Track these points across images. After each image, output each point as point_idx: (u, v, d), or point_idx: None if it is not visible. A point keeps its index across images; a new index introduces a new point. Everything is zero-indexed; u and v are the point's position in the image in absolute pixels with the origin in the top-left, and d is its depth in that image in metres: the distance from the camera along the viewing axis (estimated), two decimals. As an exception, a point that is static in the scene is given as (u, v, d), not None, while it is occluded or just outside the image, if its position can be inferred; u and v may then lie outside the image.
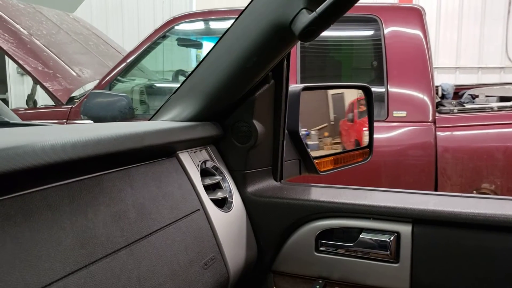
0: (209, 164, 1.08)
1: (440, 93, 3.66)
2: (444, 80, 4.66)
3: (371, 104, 1.57)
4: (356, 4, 0.82)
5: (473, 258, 0.93)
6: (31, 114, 3.28)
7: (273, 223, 1.10)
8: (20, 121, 1.22)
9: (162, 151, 0.94)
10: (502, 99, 3.11)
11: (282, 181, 1.22)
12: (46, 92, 3.25)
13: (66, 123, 3.03)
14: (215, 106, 1.07)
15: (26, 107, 4.09)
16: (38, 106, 4.16)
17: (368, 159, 1.57)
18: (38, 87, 3.46)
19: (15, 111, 3.25)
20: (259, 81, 1.06)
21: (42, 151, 0.62)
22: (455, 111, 2.60)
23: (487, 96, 3.27)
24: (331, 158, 1.46)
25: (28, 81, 7.89)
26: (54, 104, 3.29)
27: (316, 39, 0.85)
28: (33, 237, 0.60)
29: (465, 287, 0.95)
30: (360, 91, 1.60)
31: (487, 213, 0.92)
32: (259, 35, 0.92)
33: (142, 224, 0.79)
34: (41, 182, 0.65)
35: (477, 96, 3.32)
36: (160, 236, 0.82)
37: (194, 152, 1.04)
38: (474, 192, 2.41)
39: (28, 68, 3.21)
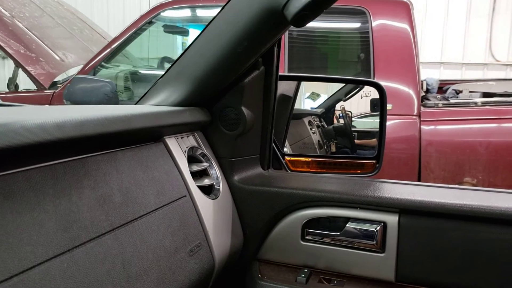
0: (196, 151, 1.07)
1: (424, 87, 3.69)
2: (428, 74, 4.69)
3: (384, 106, 1.29)
4: None
5: (458, 248, 0.94)
6: (12, 98, 3.22)
7: (259, 211, 1.09)
8: (2, 102, 1.18)
9: (148, 135, 0.92)
10: (485, 95, 3.15)
11: (269, 169, 1.22)
12: (28, 76, 3.18)
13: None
14: (204, 91, 1.05)
15: (7, 90, 4.00)
16: (19, 90, 4.07)
17: (374, 173, 1.30)
18: (20, 70, 3.39)
19: (-4, 94, 3.18)
20: (249, 67, 1.05)
21: (26, 130, 0.60)
22: (440, 105, 2.62)
23: (470, 91, 3.30)
24: (308, 159, 1.33)
25: (9, 64, 7.73)
26: (36, 88, 3.23)
27: (304, 29, 0.83)
28: (14, 219, 0.58)
29: (450, 277, 0.95)
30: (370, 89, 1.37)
31: (473, 204, 0.93)
32: (250, 19, 0.90)
33: (128, 209, 0.77)
34: (24, 163, 0.63)
35: (461, 92, 3.34)
36: (145, 222, 0.80)
37: (181, 137, 1.03)
38: (457, 185, 2.43)
39: (10, 51, 3.14)
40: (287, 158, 1.33)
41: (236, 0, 0.94)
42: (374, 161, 1.32)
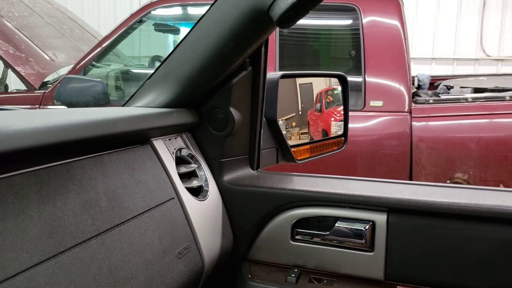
0: (184, 152, 1.06)
1: (416, 83, 3.70)
2: (420, 70, 4.70)
3: (347, 93, 1.57)
4: None
5: (446, 246, 0.94)
6: (2, 98, 3.19)
7: (249, 211, 1.09)
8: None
9: (135, 138, 0.92)
10: (476, 90, 3.16)
11: (259, 169, 1.21)
12: (18, 76, 3.16)
13: (39, 109, 2.96)
14: (191, 92, 1.05)
15: (-3, 91, 3.97)
16: (9, 90, 4.04)
17: (343, 148, 1.58)
18: (10, 71, 3.36)
19: (-15, 95, 3.15)
20: (236, 68, 1.05)
21: (7, 137, 0.59)
22: (431, 101, 2.62)
23: (461, 87, 3.31)
24: (307, 146, 1.47)
25: None
26: (26, 88, 3.20)
27: (295, 27, 0.83)
28: None
29: (438, 275, 0.96)
30: (335, 80, 1.60)
31: (460, 202, 0.93)
32: (236, 20, 0.90)
33: (114, 212, 0.77)
34: (7, 169, 0.62)
35: (452, 87, 3.35)
36: (132, 225, 0.80)
37: (169, 139, 1.02)
38: (448, 181, 2.44)
39: (-1, 51, 3.11)
40: (293, 149, 1.40)
41: (222, 1, 0.94)
42: (342, 138, 1.59)
